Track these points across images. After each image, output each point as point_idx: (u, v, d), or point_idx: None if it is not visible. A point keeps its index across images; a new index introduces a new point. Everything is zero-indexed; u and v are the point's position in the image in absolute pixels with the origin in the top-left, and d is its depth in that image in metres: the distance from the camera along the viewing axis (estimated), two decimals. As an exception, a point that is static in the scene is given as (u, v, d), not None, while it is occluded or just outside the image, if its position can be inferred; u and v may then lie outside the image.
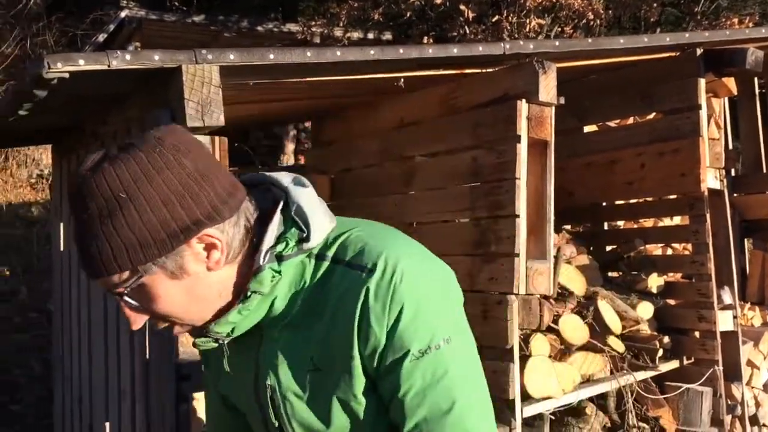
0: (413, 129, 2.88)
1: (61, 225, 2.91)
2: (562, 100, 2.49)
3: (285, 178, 1.04)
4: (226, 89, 1.87)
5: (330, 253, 1.01)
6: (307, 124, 9.54)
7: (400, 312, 0.94)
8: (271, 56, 1.95)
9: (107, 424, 2.35)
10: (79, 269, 2.62)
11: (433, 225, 2.74)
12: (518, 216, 2.36)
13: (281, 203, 1.02)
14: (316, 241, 0.99)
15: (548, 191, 2.47)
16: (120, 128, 2.21)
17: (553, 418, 2.62)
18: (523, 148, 2.37)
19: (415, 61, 2.31)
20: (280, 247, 0.98)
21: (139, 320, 0.98)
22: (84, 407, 2.61)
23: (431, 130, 2.76)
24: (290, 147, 10.29)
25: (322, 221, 1.01)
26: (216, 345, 1.03)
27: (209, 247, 0.95)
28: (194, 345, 1.05)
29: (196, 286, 0.96)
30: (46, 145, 7.28)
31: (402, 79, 2.50)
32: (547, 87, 2.39)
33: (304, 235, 0.99)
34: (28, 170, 7.62)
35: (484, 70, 2.58)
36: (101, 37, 8.87)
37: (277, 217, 1.00)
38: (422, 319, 0.96)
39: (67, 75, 1.68)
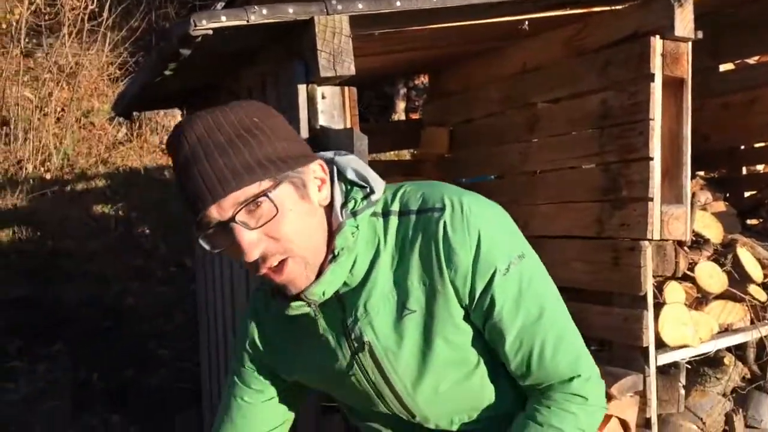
0: (536, 74, 2.82)
1: (200, 181, 3.10)
2: (700, 35, 2.35)
3: (327, 153, 1.13)
4: (352, 40, 1.91)
5: (395, 208, 1.07)
6: (418, 82, 9.51)
7: (479, 237, 1.02)
8: (398, 3, 1.96)
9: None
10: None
11: (559, 172, 2.69)
12: (652, 159, 2.26)
13: (335, 171, 1.10)
14: (379, 192, 1.07)
15: (684, 132, 2.35)
16: (254, 83, 2.31)
17: (689, 367, 2.54)
18: (657, 87, 2.27)
19: (541, 1, 2.24)
20: (350, 205, 1.05)
21: (257, 248, 0.97)
22: (229, 346, 2.81)
23: (556, 74, 2.69)
24: (401, 105, 10.32)
25: (377, 177, 1.09)
26: (309, 309, 1.07)
27: (321, 182, 1.05)
28: (287, 311, 1.07)
29: (312, 215, 1.03)
30: (174, 111, 7.70)
31: (526, 22, 2.44)
32: (684, 20, 2.26)
33: (368, 190, 1.07)
34: (159, 136, 8.10)
35: (612, 8, 2.47)
36: (219, 6, 9.22)
37: (337, 181, 1.08)
38: (499, 239, 1.04)
39: (210, 32, 1.77)
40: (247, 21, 1.78)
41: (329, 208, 1.06)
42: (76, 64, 7.24)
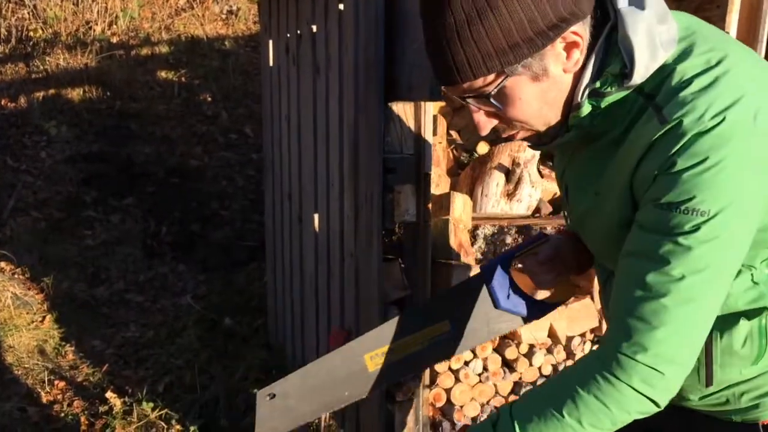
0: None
1: (270, 42, 3.18)
2: None
3: (621, 2, 0.96)
4: None
5: (647, 89, 0.97)
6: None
7: (672, 166, 0.92)
8: None
9: (316, 215, 2.70)
10: (300, 81, 2.86)
11: None
12: None
13: (607, 27, 0.96)
14: (638, 79, 0.96)
15: None
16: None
17: None
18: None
19: None
20: (598, 83, 0.97)
21: (488, 125, 1.01)
22: (293, 202, 2.99)
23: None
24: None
25: (650, 58, 0.95)
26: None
27: (570, 47, 0.94)
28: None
29: (550, 90, 0.97)
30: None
31: None
32: None
33: (627, 70, 0.95)
34: (219, 6, 8.08)
35: None
36: None
37: (599, 48, 0.96)
38: (688, 182, 0.91)
39: None
40: None
41: (581, 72, 0.97)
42: (140, -75, 7.16)
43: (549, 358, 2.47)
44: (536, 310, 1.29)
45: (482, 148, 3.01)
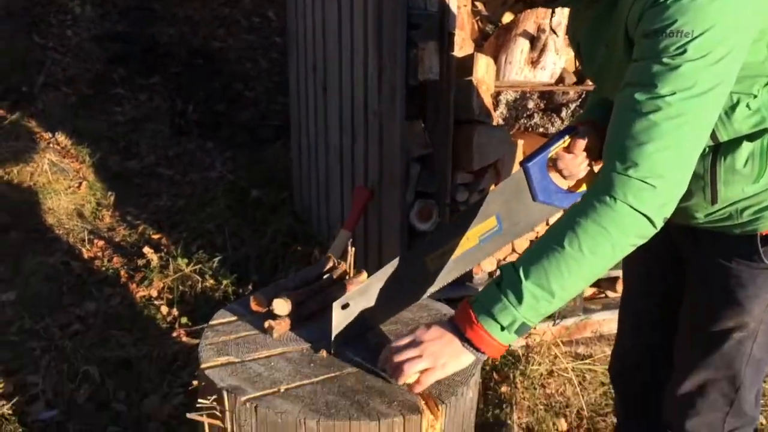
0: None
1: None
2: None
3: None
4: None
5: None
6: None
7: (655, 2, 1.01)
8: None
9: (341, 81, 2.74)
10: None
11: None
12: None
13: None
14: None
15: None
16: None
17: None
18: None
19: None
20: None
21: None
22: (318, 73, 3.03)
23: None
24: None
25: None
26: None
27: None
28: None
29: None
30: None
31: None
32: None
33: None
34: None
35: None
36: None
37: None
38: (670, 8, 0.99)
39: None
40: None
41: None
42: None
43: (564, 220, 2.56)
44: (567, 200, 1.37)
45: (507, 17, 2.98)
